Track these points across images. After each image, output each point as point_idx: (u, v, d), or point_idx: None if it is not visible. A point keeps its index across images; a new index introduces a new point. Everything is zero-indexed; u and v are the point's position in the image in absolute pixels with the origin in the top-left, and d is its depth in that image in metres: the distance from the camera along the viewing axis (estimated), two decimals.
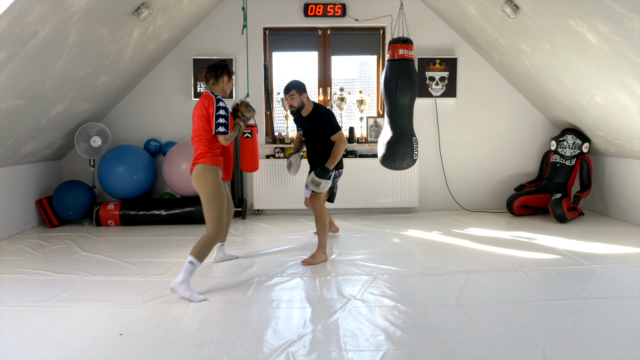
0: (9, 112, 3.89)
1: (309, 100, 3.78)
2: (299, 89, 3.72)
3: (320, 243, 3.72)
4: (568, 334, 2.38)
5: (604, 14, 3.27)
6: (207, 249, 3.05)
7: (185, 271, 2.94)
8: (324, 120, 3.73)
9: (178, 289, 2.90)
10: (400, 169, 4.04)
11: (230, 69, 3.32)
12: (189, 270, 2.95)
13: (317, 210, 3.71)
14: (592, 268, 3.43)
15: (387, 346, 2.28)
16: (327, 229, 3.74)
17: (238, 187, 5.47)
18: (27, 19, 3.14)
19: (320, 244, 3.72)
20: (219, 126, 3.08)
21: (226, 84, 3.28)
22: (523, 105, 5.76)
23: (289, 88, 3.74)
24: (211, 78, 3.23)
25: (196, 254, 3.00)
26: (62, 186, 5.05)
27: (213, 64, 3.29)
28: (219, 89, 3.26)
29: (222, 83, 3.26)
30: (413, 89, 3.86)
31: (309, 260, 3.64)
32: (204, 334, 2.43)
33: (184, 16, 5.00)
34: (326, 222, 3.74)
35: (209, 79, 3.25)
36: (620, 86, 3.94)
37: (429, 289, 3.07)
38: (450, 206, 5.78)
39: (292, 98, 3.73)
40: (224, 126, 3.09)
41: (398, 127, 3.91)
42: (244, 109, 3.33)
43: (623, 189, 4.97)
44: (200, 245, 3.05)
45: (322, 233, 3.73)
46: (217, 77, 3.23)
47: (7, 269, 3.56)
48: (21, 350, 2.28)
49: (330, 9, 5.49)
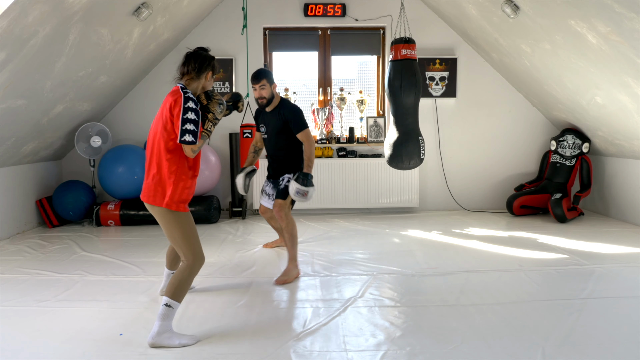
0: (9, 112, 3.89)
1: (277, 93, 3.46)
2: (270, 79, 3.36)
3: (290, 256, 3.34)
4: (568, 334, 2.38)
5: (604, 14, 3.27)
6: (185, 284, 2.39)
7: (161, 318, 2.31)
8: (289, 115, 3.37)
9: (159, 342, 2.28)
10: (408, 168, 4.05)
11: (216, 63, 2.62)
12: (165, 316, 2.31)
13: (283, 219, 3.34)
14: (592, 268, 3.43)
15: (387, 346, 2.28)
16: (296, 239, 3.38)
17: None
18: (27, 19, 3.14)
19: (291, 257, 3.34)
20: (185, 133, 2.29)
21: (208, 81, 2.57)
22: (523, 105, 5.76)
23: (259, 76, 3.32)
24: (192, 71, 2.48)
25: (172, 295, 2.34)
26: (62, 186, 5.06)
27: (195, 53, 2.55)
28: (197, 86, 2.52)
29: (203, 80, 2.53)
30: (417, 88, 3.87)
31: (282, 278, 3.21)
32: (204, 334, 2.43)
33: (184, 16, 5.00)
34: (294, 231, 3.37)
35: (188, 71, 2.49)
36: (620, 86, 3.94)
37: (429, 289, 3.07)
38: (450, 206, 5.78)
39: (263, 88, 3.33)
40: (192, 134, 2.31)
41: (404, 127, 3.91)
42: (215, 108, 2.51)
43: (623, 189, 4.96)
44: (176, 282, 2.36)
45: (292, 244, 3.35)
46: (199, 71, 2.49)
47: (7, 269, 3.56)
48: (21, 350, 2.28)
49: (330, 9, 5.49)
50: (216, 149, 5.56)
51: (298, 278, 3.29)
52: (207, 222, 5.09)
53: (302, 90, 5.98)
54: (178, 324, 2.54)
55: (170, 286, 2.36)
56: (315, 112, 5.63)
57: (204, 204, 5.06)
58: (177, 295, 2.35)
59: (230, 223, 5.17)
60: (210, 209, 5.08)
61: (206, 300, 2.90)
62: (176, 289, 2.35)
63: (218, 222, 5.21)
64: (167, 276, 2.96)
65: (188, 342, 2.31)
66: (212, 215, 5.08)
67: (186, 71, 2.50)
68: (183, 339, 2.31)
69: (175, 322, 2.57)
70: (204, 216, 5.04)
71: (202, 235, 4.55)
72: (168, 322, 2.32)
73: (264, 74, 3.35)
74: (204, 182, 5.12)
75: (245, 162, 3.73)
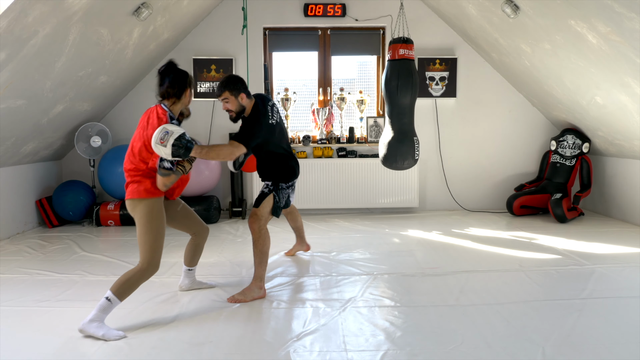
0: (9, 112, 3.89)
1: (249, 99, 2.95)
2: (233, 89, 2.86)
3: (255, 275, 2.95)
4: (568, 334, 2.38)
5: (604, 14, 3.27)
6: (132, 285, 2.46)
7: (99, 309, 2.39)
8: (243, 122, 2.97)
9: (87, 329, 2.36)
10: (402, 169, 4.04)
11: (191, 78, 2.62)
12: (103, 308, 2.39)
13: (255, 231, 2.97)
14: (592, 268, 3.43)
15: (387, 346, 2.28)
16: (265, 256, 2.99)
17: (238, 187, 5.47)
18: (27, 19, 3.14)
19: (256, 275, 2.95)
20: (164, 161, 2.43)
21: (188, 98, 2.59)
22: (523, 105, 5.76)
23: (219, 88, 2.88)
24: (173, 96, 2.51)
25: (116, 290, 2.41)
26: (62, 186, 5.06)
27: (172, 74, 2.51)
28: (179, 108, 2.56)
29: (184, 99, 2.56)
30: (414, 88, 3.86)
31: (237, 297, 2.87)
32: (204, 334, 2.43)
33: (184, 16, 5.00)
34: (265, 247, 2.98)
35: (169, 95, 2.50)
36: (620, 86, 3.94)
37: (429, 289, 3.07)
38: (450, 206, 5.78)
39: (226, 101, 2.88)
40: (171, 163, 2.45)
41: (399, 127, 3.90)
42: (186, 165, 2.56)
43: (623, 189, 4.96)
44: (124, 280, 2.44)
45: (259, 261, 2.96)
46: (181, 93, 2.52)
47: (7, 269, 3.56)
48: (21, 350, 2.28)
49: (330, 9, 5.49)
50: None
51: (262, 299, 2.90)
52: (207, 222, 5.08)
53: (302, 90, 5.98)
54: (178, 323, 2.54)
55: (118, 281, 2.45)
56: (315, 112, 5.63)
57: (204, 204, 5.06)
58: (121, 293, 2.43)
59: (230, 223, 5.17)
60: (210, 209, 5.07)
61: (206, 300, 2.90)
62: (121, 286, 2.43)
63: (218, 222, 5.21)
64: (185, 272, 3.04)
65: (111, 336, 2.35)
66: (212, 215, 5.08)
67: (167, 95, 2.52)
68: (109, 333, 2.36)
69: (176, 322, 2.57)
70: (204, 216, 5.03)
71: None
72: (102, 314, 2.40)
73: (225, 84, 2.87)
74: (204, 182, 5.12)
75: None
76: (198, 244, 2.98)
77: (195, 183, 5.07)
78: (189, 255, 3.00)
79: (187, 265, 3.02)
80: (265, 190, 3.09)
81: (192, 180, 5.04)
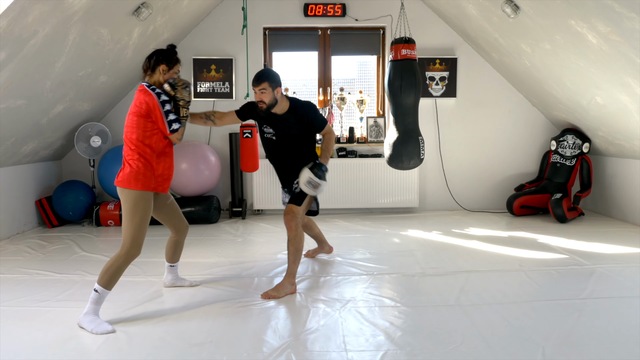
0: (9, 112, 3.89)
1: (282, 95, 3.02)
2: (273, 82, 2.92)
3: (289, 271, 3.03)
4: (568, 334, 2.38)
5: (604, 14, 3.27)
6: (116, 272, 2.55)
7: (90, 301, 2.52)
8: (311, 116, 3.04)
9: (81, 321, 2.50)
10: (408, 168, 4.05)
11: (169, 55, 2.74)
12: (94, 300, 2.51)
13: (292, 229, 3.01)
14: (592, 268, 3.42)
15: (387, 346, 2.28)
16: (300, 253, 3.06)
17: (238, 187, 5.47)
18: (27, 19, 3.14)
19: (290, 272, 3.03)
20: (172, 123, 2.61)
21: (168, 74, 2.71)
22: (523, 105, 5.76)
23: (260, 79, 2.91)
24: (147, 69, 2.71)
25: (101, 280, 2.52)
26: (62, 186, 5.06)
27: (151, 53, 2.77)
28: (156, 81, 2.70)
29: (159, 74, 2.69)
30: (417, 88, 3.87)
31: (271, 293, 2.93)
32: (204, 334, 2.43)
33: (183, 16, 5.00)
34: (301, 245, 3.05)
35: (145, 70, 2.72)
36: (620, 86, 3.94)
37: (429, 289, 3.07)
38: (450, 206, 5.78)
39: (264, 92, 2.92)
40: (177, 121, 2.62)
41: (404, 127, 3.91)
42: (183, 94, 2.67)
43: (623, 189, 4.96)
44: (107, 267, 2.54)
45: (294, 259, 3.03)
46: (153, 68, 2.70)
47: (7, 269, 3.56)
48: (21, 350, 2.28)
49: (330, 8, 5.49)
50: (216, 149, 5.56)
51: (294, 294, 2.99)
52: (207, 222, 5.09)
53: (302, 90, 5.99)
54: (178, 323, 2.54)
55: (102, 271, 2.54)
56: None
57: (204, 204, 5.06)
58: (107, 282, 2.53)
59: (230, 223, 5.17)
60: (210, 209, 5.07)
61: (206, 300, 2.90)
62: (106, 274, 2.53)
63: (218, 222, 5.21)
64: (167, 269, 3.14)
65: (99, 331, 2.43)
66: (212, 215, 5.08)
67: (144, 70, 2.73)
68: (98, 327, 2.44)
69: (176, 322, 2.57)
70: (204, 216, 5.04)
71: (202, 236, 4.57)
72: (95, 306, 2.51)
73: (266, 76, 2.91)
74: (204, 182, 5.12)
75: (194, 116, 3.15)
76: (177, 241, 3.06)
77: (195, 183, 5.07)
78: (170, 252, 3.09)
79: (169, 262, 3.12)
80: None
81: (192, 181, 5.05)
